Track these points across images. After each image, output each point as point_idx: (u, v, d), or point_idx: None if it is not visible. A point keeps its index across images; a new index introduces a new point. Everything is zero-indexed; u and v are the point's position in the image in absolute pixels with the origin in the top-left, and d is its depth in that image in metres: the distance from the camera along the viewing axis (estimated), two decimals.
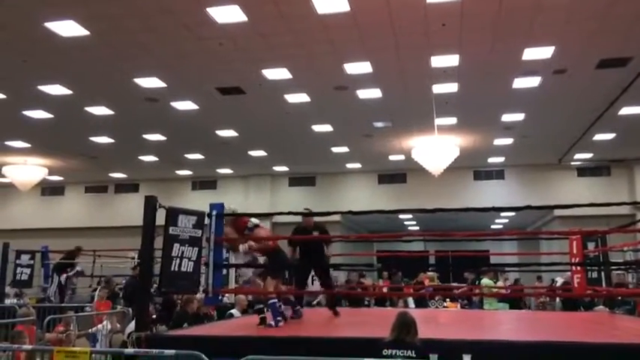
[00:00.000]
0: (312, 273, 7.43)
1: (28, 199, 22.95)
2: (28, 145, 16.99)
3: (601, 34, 9.70)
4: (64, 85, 12.13)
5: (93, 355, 3.98)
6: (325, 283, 7.11)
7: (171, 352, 3.85)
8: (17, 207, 23.50)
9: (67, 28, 9.41)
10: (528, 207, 5.83)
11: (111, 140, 16.65)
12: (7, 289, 11.54)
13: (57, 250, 13.67)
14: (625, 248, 10.04)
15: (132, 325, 6.51)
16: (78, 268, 12.31)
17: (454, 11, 8.92)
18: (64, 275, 11.67)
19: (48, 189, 23.42)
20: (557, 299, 12.08)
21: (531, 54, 10.50)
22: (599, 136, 16.05)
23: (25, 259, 11.84)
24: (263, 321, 5.92)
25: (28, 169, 18.39)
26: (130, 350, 4.36)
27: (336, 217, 18.98)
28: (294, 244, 6.96)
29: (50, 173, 19.74)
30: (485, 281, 11.49)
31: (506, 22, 9.30)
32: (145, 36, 9.79)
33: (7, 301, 10.84)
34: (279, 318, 5.84)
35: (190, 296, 7.63)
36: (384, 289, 12.53)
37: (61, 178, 22.26)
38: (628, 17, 9.09)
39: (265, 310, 6.07)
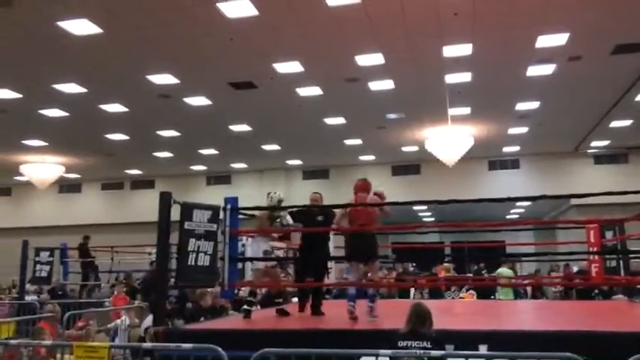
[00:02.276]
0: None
1: (45, 196, 23.26)
2: (45, 144, 17.21)
3: (616, 20, 9.54)
4: (79, 83, 12.24)
5: (112, 350, 4.04)
6: (319, 275, 6.59)
7: (189, 346, 3.89)
8: (35, 205, 23.83)
9: (81, 27, 9.49)
10: (544, 196, 5.79)
11: (126, 137, 16.80)
12: (27, 286, 11.73)
13: (75, 247, 13.88)
14: None
15: (148, 320, 6.59)
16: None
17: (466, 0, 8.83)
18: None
19: (65, 186, 23.71)
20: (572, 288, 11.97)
21: (545, 41, 10.36)
22: (615, 123, 15.83)
23: (44, 256, 12.00)
24: (247, 313, 5.99)
25: (46, 167, 18.63)
26: (147, 345, 4.42)
27: None
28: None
29: (67, 171, 19.97)
30: (504, 271, 11.43)
31: (519, 10, 9.18)
32: (157, 33, 9.84)
33: (28, 298, 11.03)
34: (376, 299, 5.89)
35: (204, 290, 7.68)
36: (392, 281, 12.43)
37: (77, 176, 22.52)
38: None
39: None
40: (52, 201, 23.89)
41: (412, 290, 11.79)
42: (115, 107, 13.92)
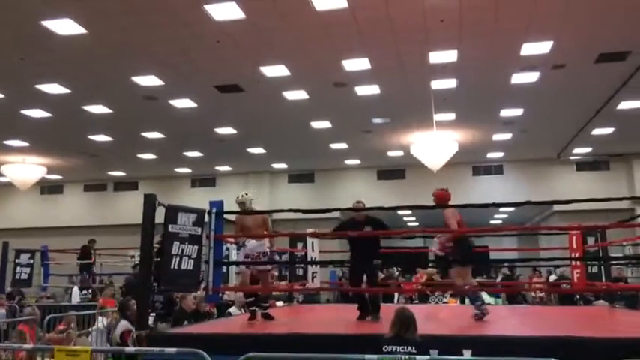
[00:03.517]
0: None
1: (27, 198, 22.92)
2: (27, 144, 16.97)
3: (600, 28, 9.69)
4: (62, 83, 12.10)
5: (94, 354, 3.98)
6: (370, 280, 6.52)
7: (172, 350, 3.85)
8: (16, 206, 23.48)
9: (65, 27, 9.38)
10: (528, 202, 5.82)
11: (110, 139, 16.63)
12: (9, 289, 11.52)
13: (56, 249, 13.69)
14: (624, 243, 10.06)
15: (122, 324, 6.53)
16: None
17: (452, 7, 8.91)
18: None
19: (47, 188, 23.40)
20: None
21: (530, 49, 10.48)
22: (597, 131, 16.05)
23: (24, 258, 11.83)
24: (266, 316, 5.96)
25: (27, 168, 18.33)
26: (131, 348, 4.37)
27: (336, 214, 18.97)
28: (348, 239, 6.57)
29: (49, 172, 19.69)
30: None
31: (505, 17, 9.28)
32: (143, 34, 9.77)
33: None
34: (478, 302, 5.96)
35: (185, 293, 7.64)
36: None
37: (60, 177, 22.24)
38: (627, 11, 9.07)
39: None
40: (34, 202, 23.55)
41: (396, 295, 11.80)
42: (99, 108, 13.77)
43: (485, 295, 10.71)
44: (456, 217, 6.11)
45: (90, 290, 11.71)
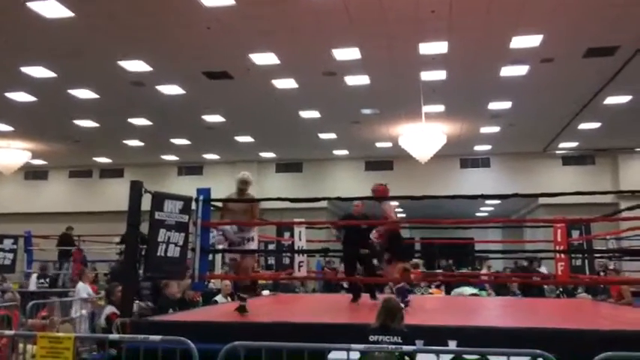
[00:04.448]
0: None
1: (10, 183, 22.61)
2: (11, 129, 16.70)
3: (589, 23, 9.72)
4: (48, 67, 11.89)
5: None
6: (367, 269, 7.12)
7: (157, 337, 3.81)
8: (0, 191, 23.18)
9: (51, 9, 9.20)
10: (516, 195, 5.86)
11: (95, 124, 16.42)
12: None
13: (40, 235, 13.56)
14: (608, 237, 10.17)
15: (108, 308, 6.49)
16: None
17: None
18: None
19: (31, 173, 23.09)
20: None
21: (519, 42, 10.50)
22: (584, 125, 16.17)
23: (7, 243, 11.68)
24: (242, 309, 5.74)
25: (11, 153, 18.08)
26: (115, 336, 4.33)
27: (323, 204, 18.98)
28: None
29: (33, 157, 19.45)
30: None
31: (495, 10, 9.27)
32: (131, 18, 9.62)
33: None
34: (407, 299, 6.10)
35: (169, 281, 7.59)
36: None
37: (44, 162, 21.96)
38: (616, 6, 9.10)
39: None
40: (18, 187, 23.24)
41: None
42: (85, 93, 13.58)
43: (470, 288, 10.85)
44: (394, 211, 6.48)
45: (47, 279, 11.59)
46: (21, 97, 13.77)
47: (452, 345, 4.26)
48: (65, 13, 9.30)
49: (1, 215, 20.79)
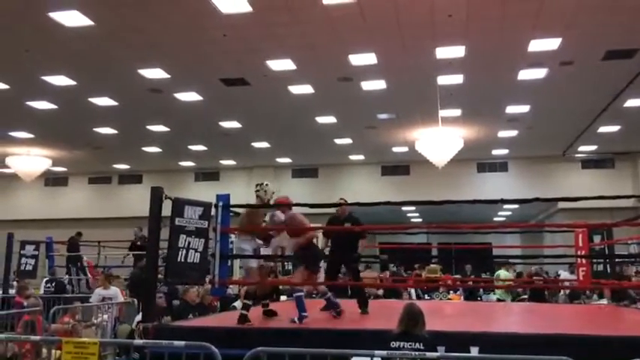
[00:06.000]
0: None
1: (31, 189, 22.97)
2: (32, 136, 16.98)
3: (608, 26, 9.62)
4: (68, 75, 12.09)
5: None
6: (353, 278, 6.75)
7: (181, 343, 3.85)
8: (21, 197, 23.53)
9: (71, 18, 9.36)
10: (536, 199, 5.81)
11: (114, 131, 16.63)
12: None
13: (61, 240, 13.71)
14: (630, 241, 10.01)
15: (140, 316, 6.52)
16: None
17: (460, 2, 8.86)
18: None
19: (51, 179, 23.43)
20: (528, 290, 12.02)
21: (538, 45, 10.42)
22: (604, 129, 15.98)
23: (29, 249, 11.84)
24: (244, 319, 5.48)
25: (32, 160, 18.39)
26: (139, 341, 4.36)
27: None
28: (328, 234, 6.84)
29: (54, 164, 19.74)
30: (502, 272, 11.55)
31: (513, 14, 9.23)
32: (150, 27, 9.75)
33: (12, 292, 10.84)
34: (304, 314, 5.51)
35: (188, 287, 7.64)
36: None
37: (64, 169, 22.27)
38: (635, 9, 9.01)
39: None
40: (38, 194, 23.59)
41: (412, 290, 11.81)
42: (104, 101, 13.77)
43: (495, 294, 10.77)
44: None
45: (54, 284, 11.67)
46: (42, 105, 14.00)
47: (474, 351, 4.22)
48: (85, 22, 9.45)
49: (22, 221, 21.07)
